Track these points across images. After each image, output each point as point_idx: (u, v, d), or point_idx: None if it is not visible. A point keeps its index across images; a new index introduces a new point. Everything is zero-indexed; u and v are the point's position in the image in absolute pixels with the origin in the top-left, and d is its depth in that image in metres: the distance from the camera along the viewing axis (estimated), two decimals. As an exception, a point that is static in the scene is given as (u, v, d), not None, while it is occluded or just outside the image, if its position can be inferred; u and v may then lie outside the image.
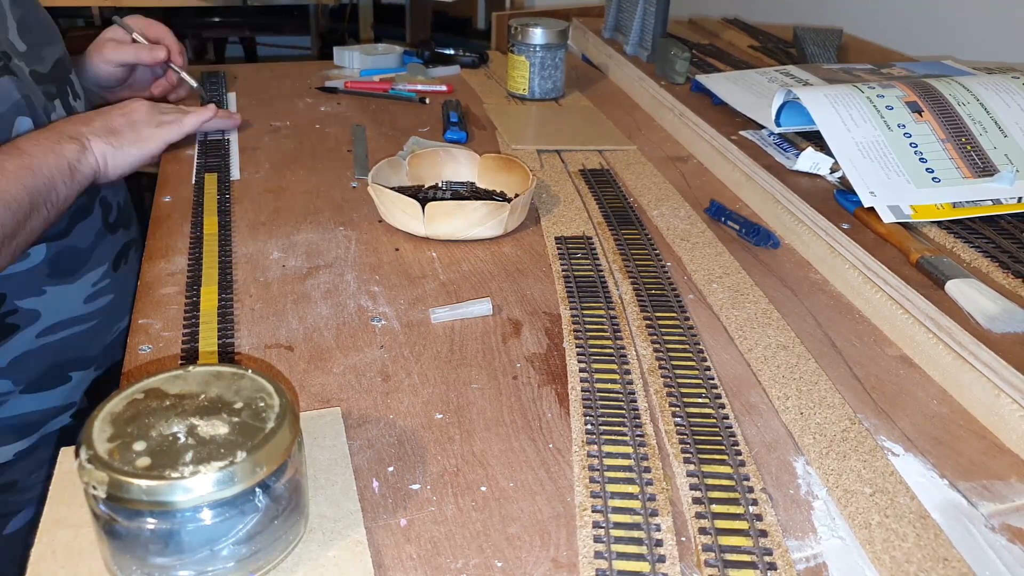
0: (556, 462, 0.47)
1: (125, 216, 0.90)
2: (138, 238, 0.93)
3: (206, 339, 0.56)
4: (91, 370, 0.85)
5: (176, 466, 0.34)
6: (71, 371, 0.83)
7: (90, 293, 0.83)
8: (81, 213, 0.81)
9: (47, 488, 0.43)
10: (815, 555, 0.41)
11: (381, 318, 0.60)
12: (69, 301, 0.81)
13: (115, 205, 0.88)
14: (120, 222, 0.89)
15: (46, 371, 0.81)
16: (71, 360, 0.83)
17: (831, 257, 0.66)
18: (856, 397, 0.53)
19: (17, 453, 0.80)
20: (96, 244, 0.84)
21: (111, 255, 0.86)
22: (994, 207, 0.70)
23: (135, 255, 0.91)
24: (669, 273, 0.67)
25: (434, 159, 0.80)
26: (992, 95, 0.81)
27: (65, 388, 0.83)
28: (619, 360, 0.55)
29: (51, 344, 0.80)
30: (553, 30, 1.05)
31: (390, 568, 0.40)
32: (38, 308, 0.79)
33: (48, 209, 0.70)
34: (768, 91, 0.93)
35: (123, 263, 0.88)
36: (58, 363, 0.82)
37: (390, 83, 1.12)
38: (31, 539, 0.85)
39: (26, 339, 0.78)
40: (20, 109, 0.73)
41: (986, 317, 0.56)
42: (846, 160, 0.75)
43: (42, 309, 0.79)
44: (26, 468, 0.81)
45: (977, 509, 0.44)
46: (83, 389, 0.85)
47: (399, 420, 0.50)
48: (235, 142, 0.92)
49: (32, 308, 0.78)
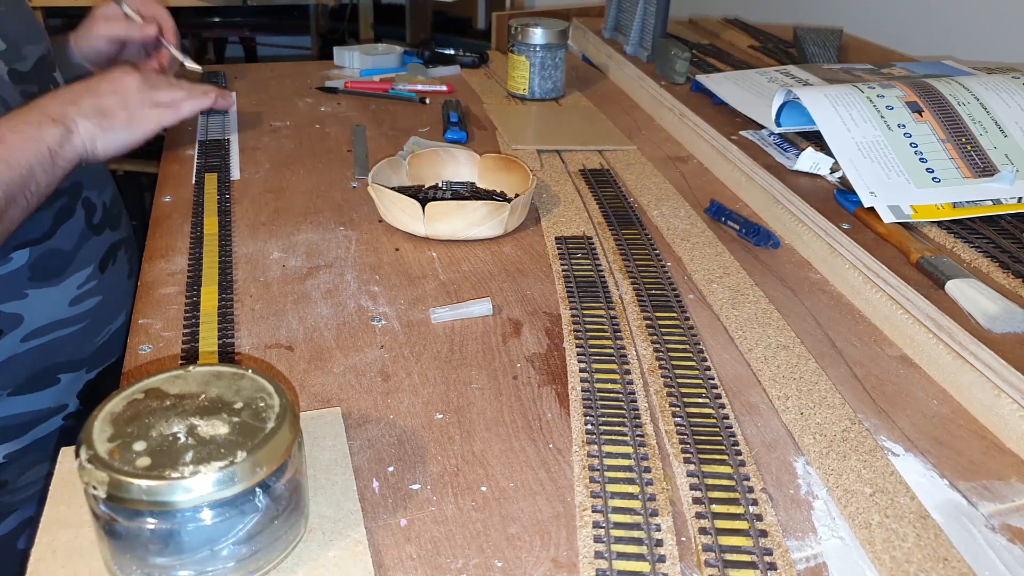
0: (556, 462, 0.47)
1: (111, 216, 0.88)
2: (128, 237, 0.92)
3: (206, 339, 0.56)
4: (82, 372, 0.84)
5: (176, 466, 0.34)
6: (60, 373, 0.82)
7: (76, 296, 0.82)
8: (64, 215, 0.80)
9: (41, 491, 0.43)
10: (815, 555, 0.41)
11: (381, 318, 0.60)
12: (53, 304, 0.80)
13: (100, 206, 0.86)
14: (106, 223, 0.87)
15: (34, 374, 0.80)
16: (59, 363, 0.82)
17: (831, 257, 0.66)
18: (856, 397, 0.53)
19: (8, 455, 0.80)
20: (80, 246, 0.82)
21: (97, 256, 0.84)
22: (994, 207, 0.70)
23: (124, 255, 0.89)
24: (669, 273, 0.67)
25: (434, 159, 0.80)
26: (992, 95, 0.81)
27: (54, 390, 0.82)
28: (619, 360, 0.55)
29: (37, 347, 0.79)
30: (553, 30, 1.05)
31: (390, 568, 0.40)
32: (20, 312, 0.77)
33: (28, 198, 0.68)
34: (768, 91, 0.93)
35: (111, 264, 0.87)
36: (46, 366, 0.81)
37: (390, 83, 1.12)
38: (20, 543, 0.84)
39: (10, 343, 0.77)
40: None
41: (986, 317, 0.56)
42: (846, 160, 0.75)
43: (24, 313, 0.77)
44: (17, 470, 0.81)
45: (977, 509, 0.44)
46: (75, 391, 0.84)
47: (399, 420, 0.50)
48: (235, 142, 0.92)
49: (14, 312, 0.77)
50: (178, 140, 0.93)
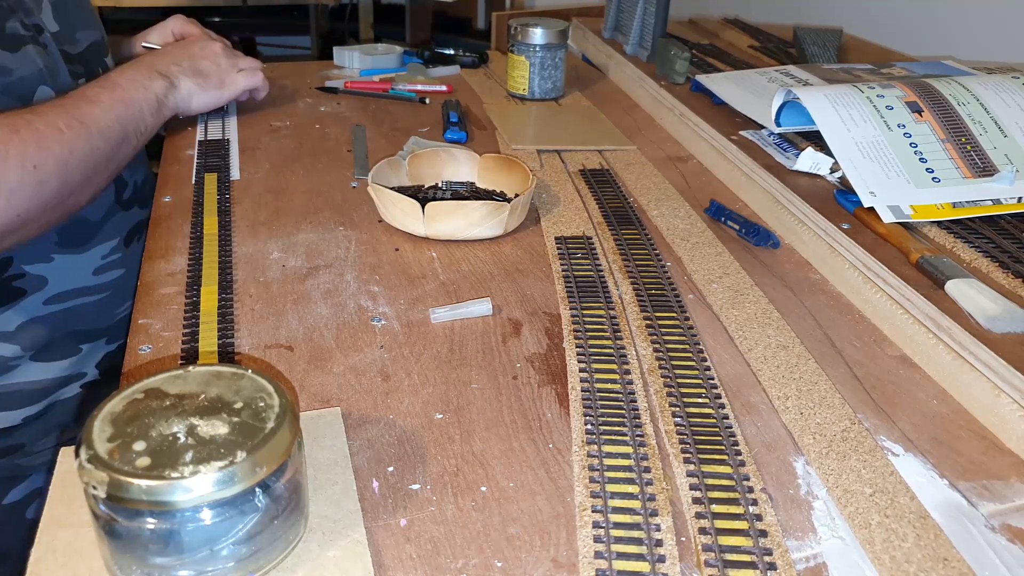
0: (556, 462, 0.47)
1: (141, 196, 0.91)
2: None
3: (206, 339, 0.56)
4: (102, 342, 0.87)
5: (176, 466, 0.34)
6: (80, 342, 0.85)
7: (99, 265, 0.85)
8: None
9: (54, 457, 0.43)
10: (815, 555, 0.41)
11: (381, 318, 0.60)
12: (77, 271, 0.83)
13: (131, 183, 0.89)
14: (136, 200, 0.90)
15: (54, 339, 0.82)
16: (80, 331, 0.84)
17: (831, 257, 0.66)
18: (856, 397, 0.53)
19: (25, 418, 0.81)
20: (107, 218, 0.85)
21: (123, 231, 0.88)
22: (994, 207, 0.70)
23: None
24: (669, 273, 0.67)
25: (434, 159, 0.80)
26: (992, 95, 0.81)
27: (74, 359, 0.84)
28: (619, 360, 0.55)
29: (59, 312, 0.82)
30: (553, 30, 1.05)
31: (390, 568, 0.40)
32: (45, 275, 0.80)
33: (137, 138, 0.77)
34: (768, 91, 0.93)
35: (136, 240, 0.90)
36: (66, 332, 0.83)
37: (390, 83, 1.12)
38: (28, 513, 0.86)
39: (33, 304, 0.79)
40: (42, 78, 0.75)
41: (986, 317, 0.56)
42: (846, 160, 0.75)
43: (49, 276, 0.80)
44: (34, 433, 0.82)
45: (977, 509, 0.44)
46: (94, 361, 0.87)
47: (399, 420, 0.50)
48: (235, 142, 0.92)
49: (39, 274, 0.80)
50: (178, 140, 0.93)
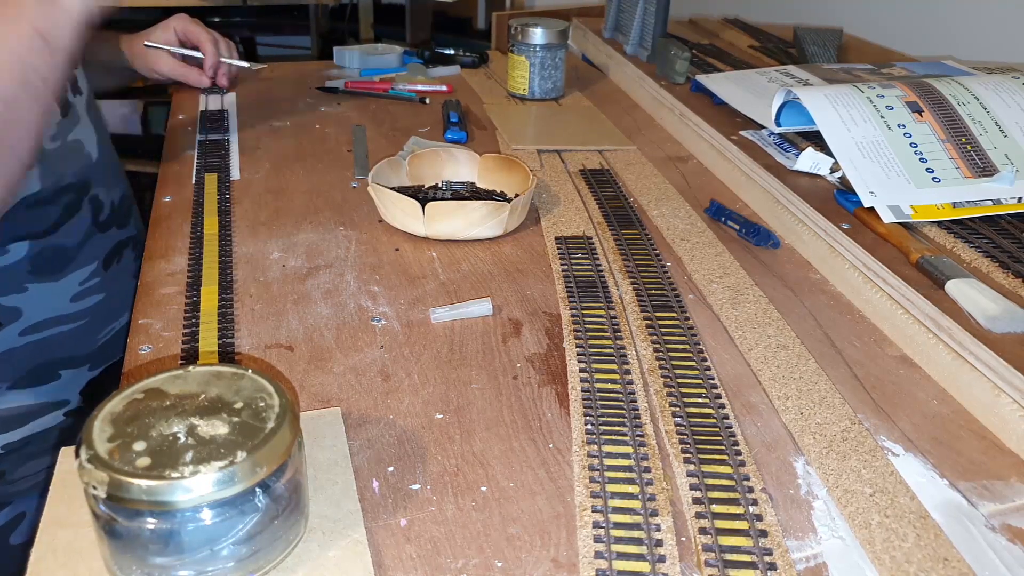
0: (556, 462, 0.47)
1: (120, 215, 0.89)
2: (135, 236, 0.92)
3: (206, 339, 0.56)
4: (83, 369, 0.85)
5: (176, 466, 0.34)
6: (60, 369, 0.82)
7: (77, 292, 0.82)
8: (69, 211, 0.80)
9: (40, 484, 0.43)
10: (815, 555, 0.41)
11: (381, 318, 0.60)
12: (54, 299, 0.80)
13: (108, 204, 0.86)
14: (113, 221, 0.87)
15: (32, 369, 0.80)
16: (60, 359, 0.82)
17: (831, 257, 0.66)
18: (856, 397, 0.53)
19: (5, 445, 0.80)
20: (84, 243, 0.82)
21: (101, 254, 0.85)
22: (994, 207, 0.70)
23: (131, 254, 0.90)
24: (669, 273, 0.67)
25: (434, 159, 0.80)
26: (992, 95, 0.81)
27: (54, 386, 0.82)
28: (619, 360, 0.55)
29: (36, 342, 0.80)
30: (553, 30, 1.05)
31: (390, 568, 0.40)
32: (19, 306, 0.78)
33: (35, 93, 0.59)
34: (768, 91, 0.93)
35: (115, 262, 0.87)
36: (45, 361, 0.81)
37: (390, 83, 1.12)
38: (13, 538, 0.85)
39: (9, 336, 0.78)
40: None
41: (986, 317, 0.56)
42: (846, 160, 0.75)
43: (23, 307, 0.78)
44: (14, 461, 0.81)
45: (977, 509, 0.44)
46: (77, 388, 0.85)
47: (399, 420, 0.50)
48: (235, 142, 0.92)
49: (13, 306, 0.77)
50: (178, 140, 0.93)
